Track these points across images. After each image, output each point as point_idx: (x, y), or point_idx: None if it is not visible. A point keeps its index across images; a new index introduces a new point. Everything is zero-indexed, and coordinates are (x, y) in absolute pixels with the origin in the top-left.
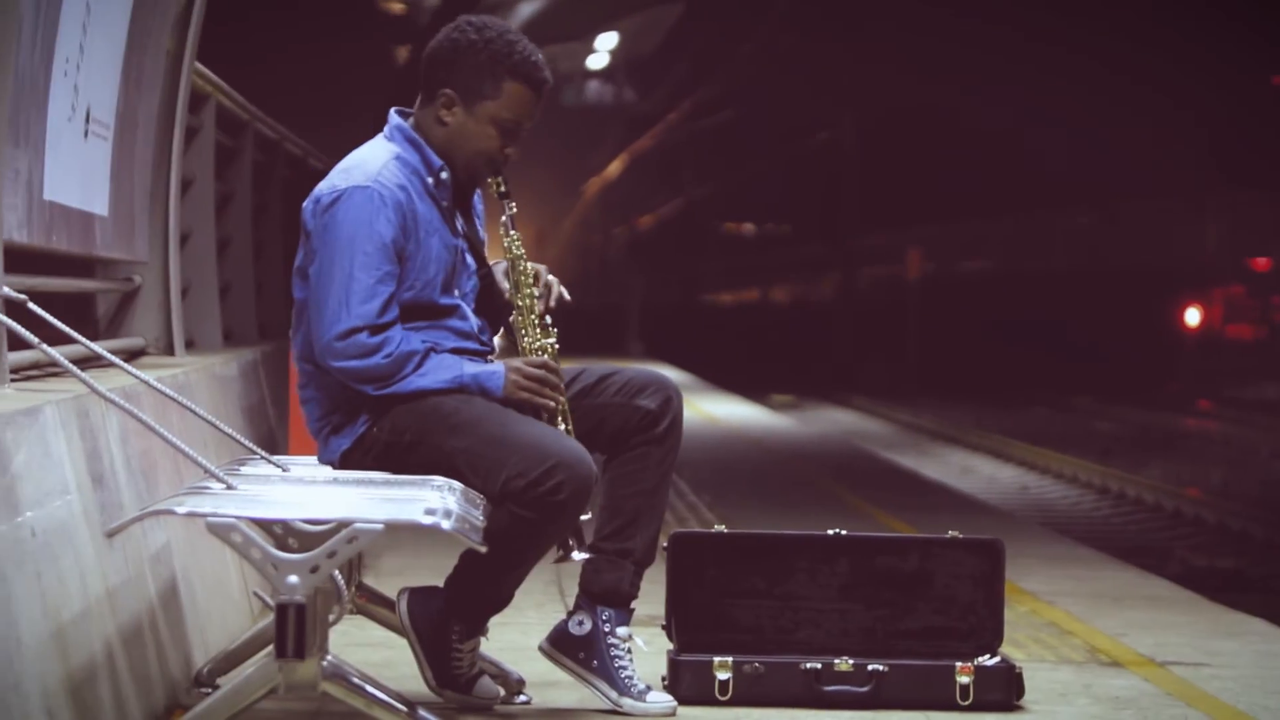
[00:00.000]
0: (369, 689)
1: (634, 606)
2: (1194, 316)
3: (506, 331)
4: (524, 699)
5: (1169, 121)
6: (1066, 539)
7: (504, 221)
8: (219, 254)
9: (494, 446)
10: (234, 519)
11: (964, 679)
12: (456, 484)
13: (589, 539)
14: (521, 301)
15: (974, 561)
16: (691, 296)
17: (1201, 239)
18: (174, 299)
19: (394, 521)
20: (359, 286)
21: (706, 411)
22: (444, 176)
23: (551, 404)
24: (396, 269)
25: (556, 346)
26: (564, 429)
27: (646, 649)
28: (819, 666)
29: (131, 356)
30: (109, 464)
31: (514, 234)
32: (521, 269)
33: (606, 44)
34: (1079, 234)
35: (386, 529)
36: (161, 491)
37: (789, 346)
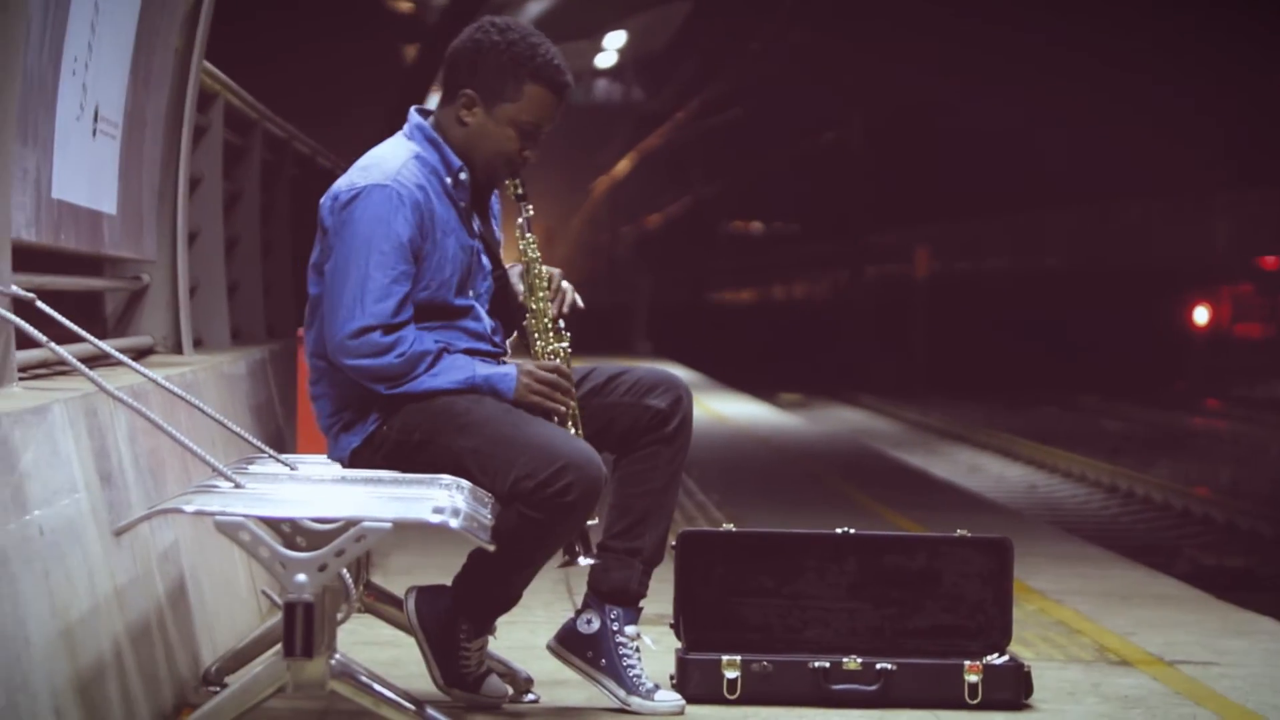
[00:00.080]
0: (377, 687)
1: (642, 605)
2: (1202, 315)
3: (520, 334)
4: (532, 697)
5: (1177, 120)
6: (1075, 538)
7: (520, 224)
8: (227, 252)
9: (504, 447)
10: (242, 517)
11: (972, 678)
12: (465, 482)
13: (598, 538)
14: (535, 305)
15: (982, 560)
16: (699, 295)
17: (1210, 237)
18: (182, 297)
19: (402, 520)
20: (374, 285)
21: (715, 410)
22: (463, 177)
23: (562, 409)
24: (412, 269)
25: (569, 350)
26: (574, 434)
27: (655, 648)
28: (827, 665)
29: (139, 355)
30: (117, 462)
31: (530, 236)
32: (536, 272)
33: (615, 42)
34: (1087, 232)
35: (395, 527)
36: (169, 490)
37: (797, 345)
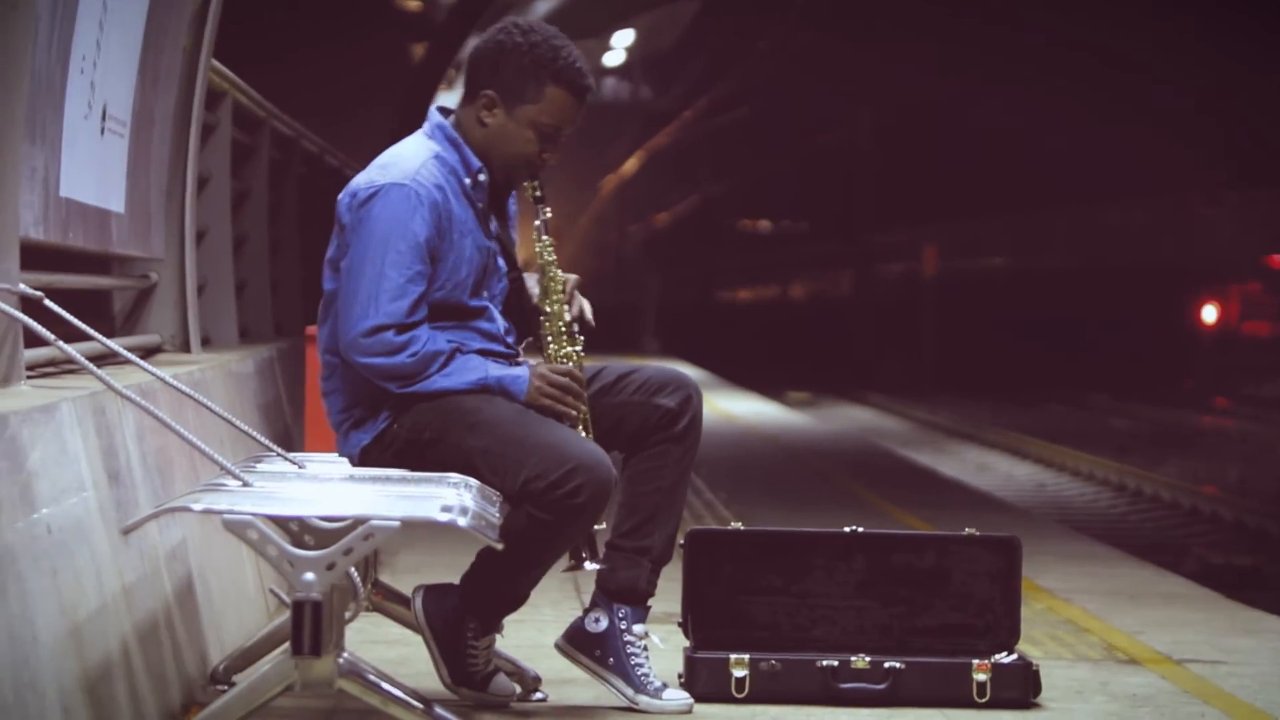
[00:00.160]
0: (385, 686)
1: (650, 604)
2: (1211, 313)
3: (534, 338)
4: (540, 696)
5: (1186, 119)
6: (1083, 536)
7: (537, 226)
8: (235, 251)
9: (514, 447)
10: (250, 516)
11: (981, 676)
12: (473, 481)
13: (608, 536)
14: (549, 308)
15: (991, 559)
16: (707, 294)
17: (1219, 236)
18: (190, 296)
19: (410, 518)
20: (389, 284)
21: (723, 409)
22: (481, 179)
23: (573, 413)
24: (428, 269)
25: (581, 354)
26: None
27: (663, 646)
28: (835, 664)
29: (148, 353)
30: (125, 461)
31: (546, 239)
32: (551, 275)
33: (623, 41)
34: (1095, 230)
35: (403, 526)
36: (177, 488)
37: (805, 344)
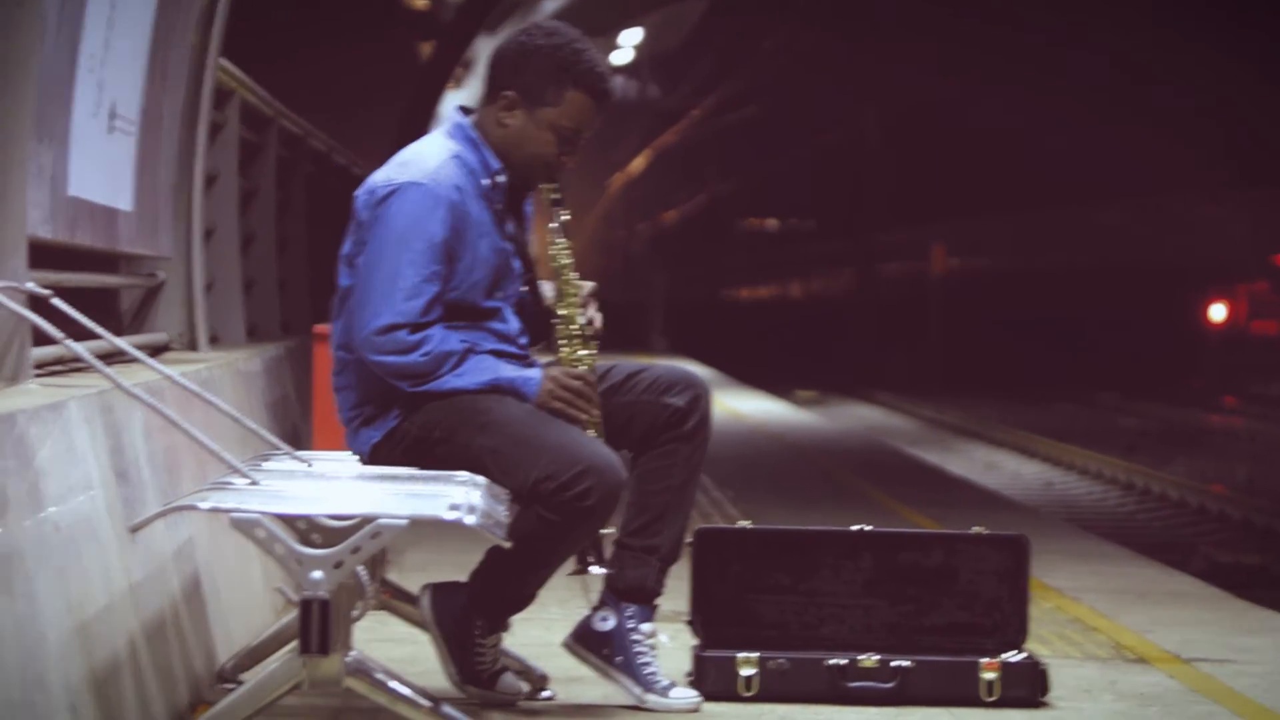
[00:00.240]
0: (392, 685)
1: (658, 603)
2: (1219, 312)
3: (547, 341)
4: (548, 695)
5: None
6: (1091, 535)
7: (554, 228)
8: (243, 249)
9: (524, 447)
10: (258, 514)
11: (989, 675)
12: (481, 479)
13: (616, 534)
14: (563, 311)
15: (998, 557)
16: (715, 292)
17: (1227, 235)
18: (198, 294)
19: (418, 516)
20: (405, 283)
21: (731, 407)
22: (500, 180)
23: (584, 418)
24: (444, 269)
25: (595, 358)
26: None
27: (671, 645)
28: (843, 662)
29: (155, 352)
30: (133, 459)
31: (561, 242)
32: (566, 278)
33: (630, 40)
34: (1103, 229)
35: (410, 524)
36: (185, 487)
37: (812, 342)
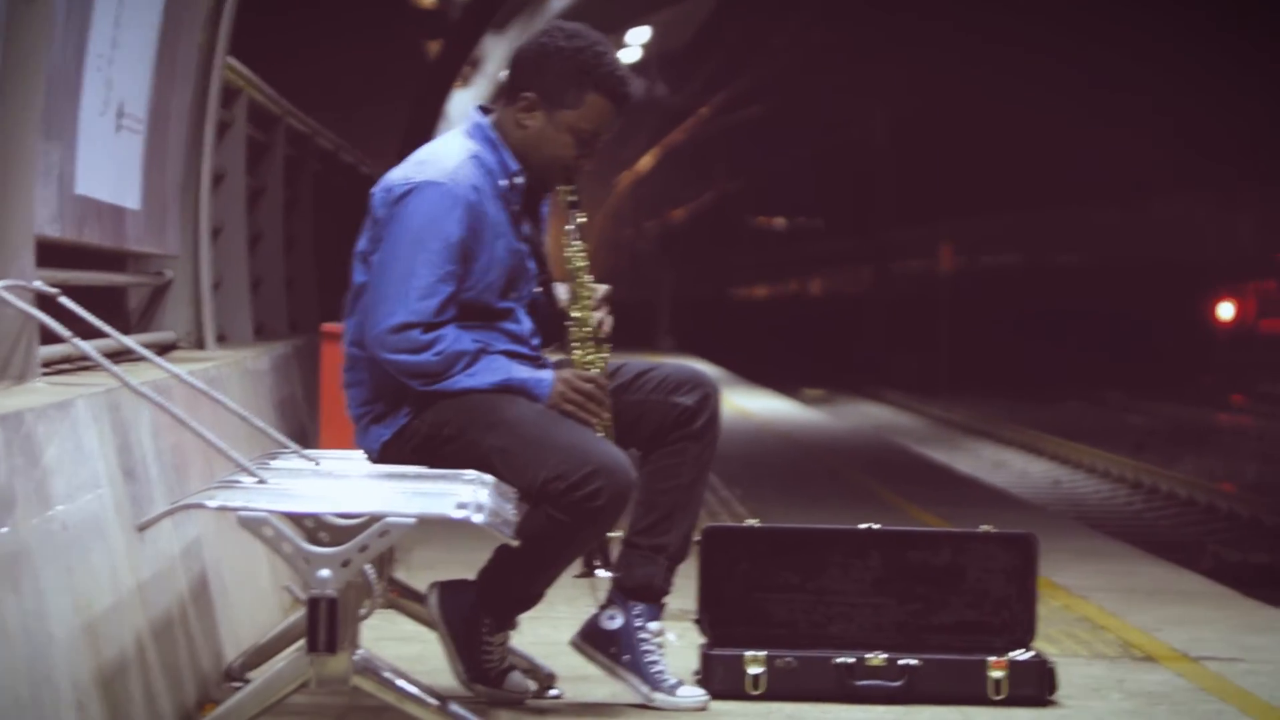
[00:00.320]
0: (400, 683)
1: (666, 601)
2: (1227, 311)
3: (560, 343)
4: (555, 693)
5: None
6: (1099, 534)
7: (569, 230)
8: (250, 248)
9: (534, 447)
10: (265, 513)
11: (997, 674)
12: (489, 477)
13: (625, 533)
14: (577, 313)
15: (1006, 556)
16: (722, 290)
17: (1235, 233)
18: (205, 293)
19: (426, 515)
20: (419, 283)
21: (738, 406)
22: (518, 181)
23: (594, 421)
24: (459, 269)
25: (607, 361)
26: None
27: (678, 643)
28: (851, 661)
29: (163, 350)
30: (140, 458)
31: (577, 244)
32: (581, 281)
33: (639, 38)
34: (1112, 228)
35: (418, 522)
36: (193, 485)
37: (820, 341)
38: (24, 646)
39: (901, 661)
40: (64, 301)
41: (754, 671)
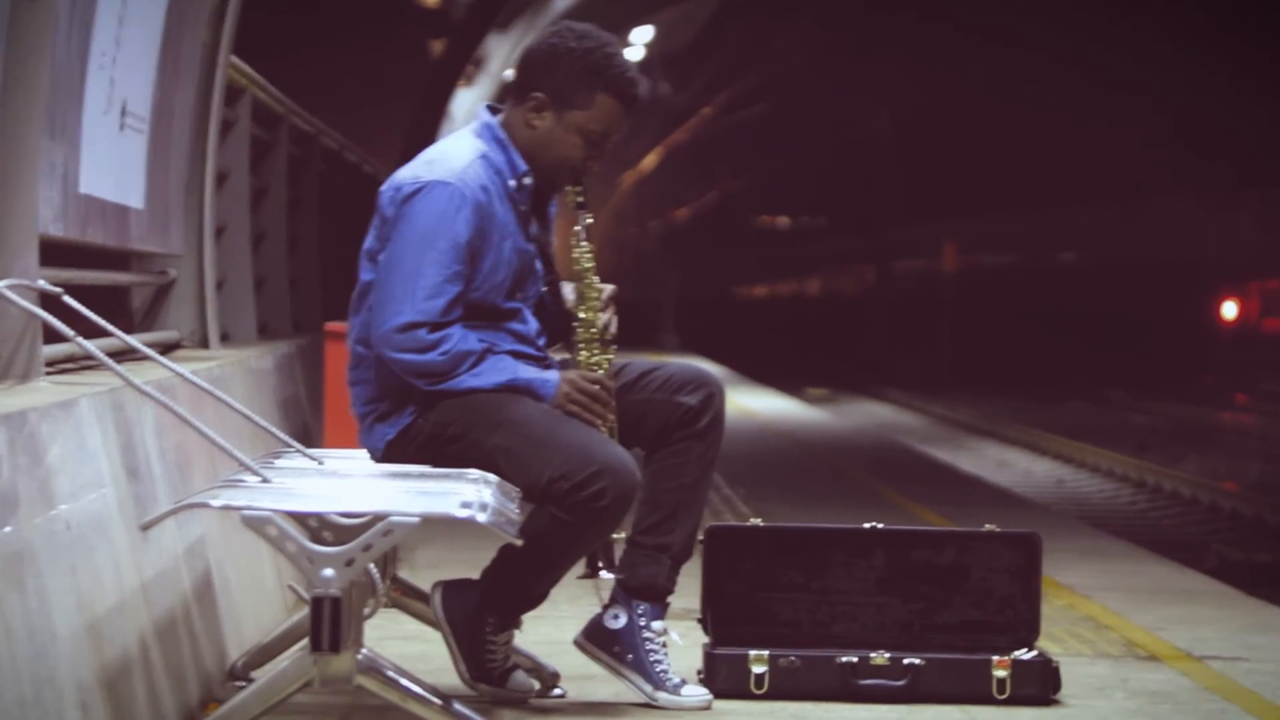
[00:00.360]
0: (404, 682)
1: (670, 601)
2: (1231, 310)
3: (566, 343)
4: (559, 692)
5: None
6: (1103, 533)
7: (577, 231)
8: (254, 247)
9: (539, 447)
10: (269, 512)
11: (1000, 673)
12: (492, 477)
13: (628, 532)
14: (584, 314)
15: (1010, 555)
16: (726, 290)
17: (1238, 232)
18: (209, 292)
19: (429, 514)
20: (427, 282)
21: (742, 405)
22: (526, 181)
23: (599, 423)
24: (466, 269)
25: (613, 362)
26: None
27: (682, 643)
28: (855, 660)
29: (166, 349)
30: (144, 457)
31: (585, 245)
32: (588, 282)
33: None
34: (1115, 227)
35: (422, 522)
36: (196, 485)
37: (823, 340)
38: (27, 646)
39: (905, 661)
40: (68, 301)
41: (758, 671)
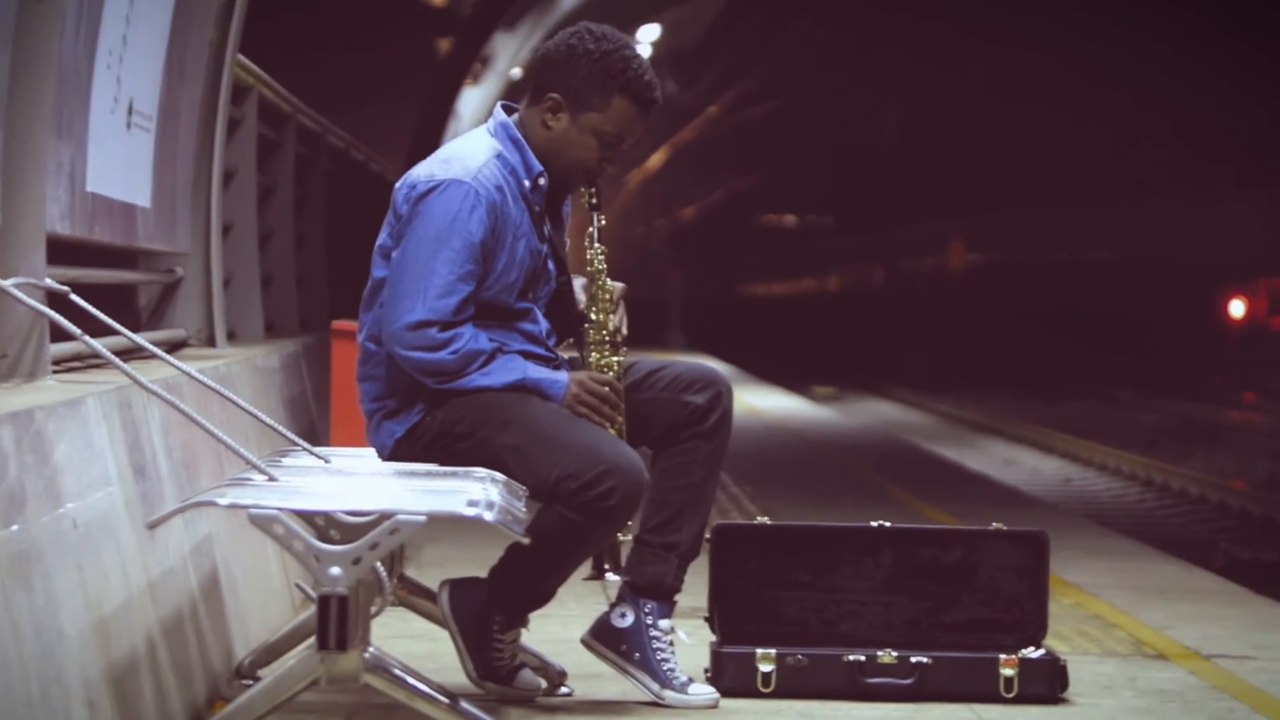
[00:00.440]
0: (411, 681)
1: (677, 599)
2: (1239, 308)
3: (575, 343)
4: (566, 691)
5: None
6: (1111, 531)
7: (590, 233)
8: (261, 246)
9: (547, 446)
10: (276, 511)
11: (1008, 671)
12: (499, 475)
13: (636, 531)
14: (595, 316)
15: (1018, 553)
16: (732, 288)
17: (1246, 230)
18: (215, 290)
19: (436, 513)
20: (439, 281)
21: (749, 403)
22: (541, 182)
23: (607, 424)
24: (479, 269)
25: (622, 364)
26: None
27: (689, 641)
28: (862, 659)
29: (173, 348)
30: (151, 456)
31: (598, 247)
32: (600, 283)
33: (648, 36)
34: (1123, 225)
35: (429, 520)
36: (203, 483)
37: (830, 338)
38: (35, 644)
39: (913, 659)
40: (74, 299)
41: (765, 669)
